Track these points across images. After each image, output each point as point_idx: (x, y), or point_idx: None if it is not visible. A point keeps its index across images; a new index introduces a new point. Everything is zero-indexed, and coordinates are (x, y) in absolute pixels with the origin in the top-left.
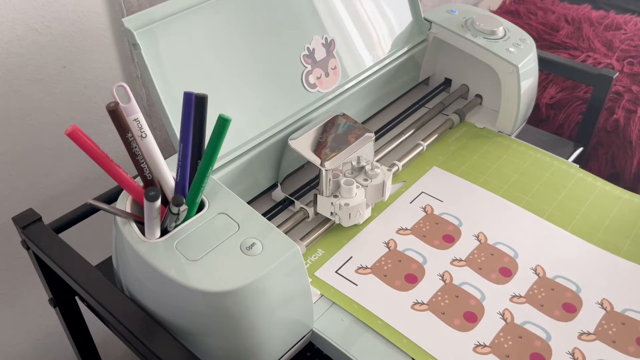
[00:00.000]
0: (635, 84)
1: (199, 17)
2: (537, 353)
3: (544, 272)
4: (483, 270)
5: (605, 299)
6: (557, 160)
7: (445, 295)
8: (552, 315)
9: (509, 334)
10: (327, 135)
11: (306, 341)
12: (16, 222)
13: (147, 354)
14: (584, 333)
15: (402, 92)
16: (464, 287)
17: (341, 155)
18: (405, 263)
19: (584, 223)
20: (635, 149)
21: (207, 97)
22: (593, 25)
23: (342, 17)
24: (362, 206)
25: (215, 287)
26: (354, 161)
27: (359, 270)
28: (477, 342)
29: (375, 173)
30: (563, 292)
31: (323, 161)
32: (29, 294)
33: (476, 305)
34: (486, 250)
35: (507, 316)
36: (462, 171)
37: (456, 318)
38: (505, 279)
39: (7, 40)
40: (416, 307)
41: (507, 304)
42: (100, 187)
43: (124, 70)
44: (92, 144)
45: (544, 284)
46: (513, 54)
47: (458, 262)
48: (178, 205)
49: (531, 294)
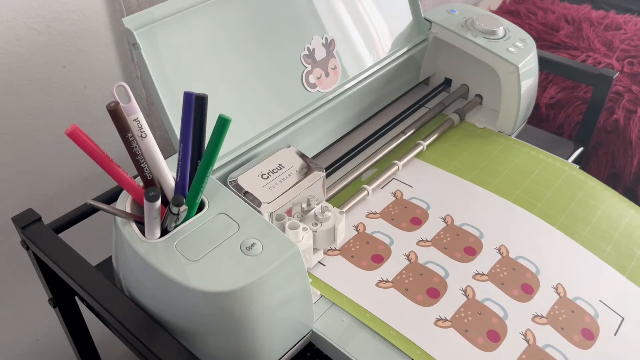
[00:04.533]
0: (635, 84)
1: (199, 17)
2: (494, 330)
3: (507, 252)
4: (448, 250)
5: (560, 284)
6: (558, 161)
7: (410, 274)
8: (511, 294)
9: (469, 309)
10: (271, 172)
11: (306, 341)
12: (16, 222)
13: (147, 354)
14: (538, 316)
15: (402, 92)
16: (428, 266)
17: (285, 195)
18: (372, 244)
19: (549, 206)
20: (635, 149)
21: (207, 97)
22: (593, 25)
23: (342, 17)
24: (309, 251)
25: (215, 287)
26: (303, 203)
27: (328, 252)
28: (438, 317)
29: (325, 217)
30: (523, 273)
31: (264, 203)
32: (29, 294)
33: (439, 282)
34: (452, 231)
35: (469, 292)
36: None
37: (419, 294)
38: (469, 257)
39: (6, 40)
40: (381, 284)
41: (469, 281)
42: (100, 187)
43: (124, 70)
44: (92, 144)
45: (506, 264)
46: (513, 54)
47: (424, 243)
48: (178, 206)
49: (493, 272)
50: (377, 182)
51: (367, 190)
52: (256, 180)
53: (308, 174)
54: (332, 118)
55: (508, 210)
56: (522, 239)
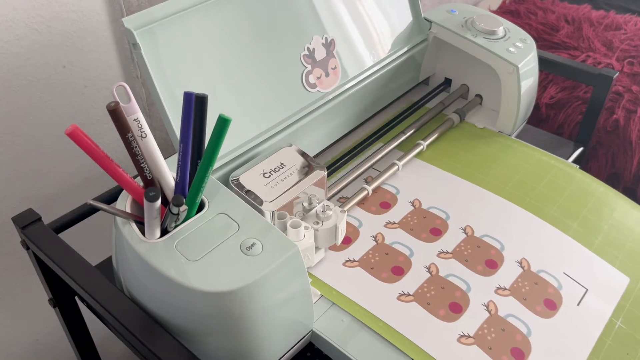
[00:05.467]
0: (635, 84)
1: (199, 17)
2: (456, 302)
3: (472, 231)
4: (414, 232)
5: (524, 258)
6: (559, 162)
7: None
8: (475, 269)
9: (432, 284)
10: (273, 171)
11: (306, 341)
12: (16, 222)
13: (147, 354)
14: (501, 288)
15: (402, 92)
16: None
17: (287, 194)
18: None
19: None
20: (635, 149)
21: (207, 97)
22: (593, 25)
23: (342, 17)
24: (310, 250)
25: (215, 287)
26: (305, 202)
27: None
28: (401, 291)
29: (327, 215)
30: (488, 250)
31: (266, 202)
32: (29, 294)
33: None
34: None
35: (432, 269)
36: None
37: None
38: (434, 237)
39: (6, 40)
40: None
41: (433, 259)
42: (100, 187)
43: (124, 70)
44: (92, 144)
45: (471, 242)
46: (513, 54)
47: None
48: (178, 206)
49: (458, 250)
50: (377, 182)
51: (367, 191)
52: (258, 179)
53: (310, 173)
54: (332, 118)
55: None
56: (487, 219)
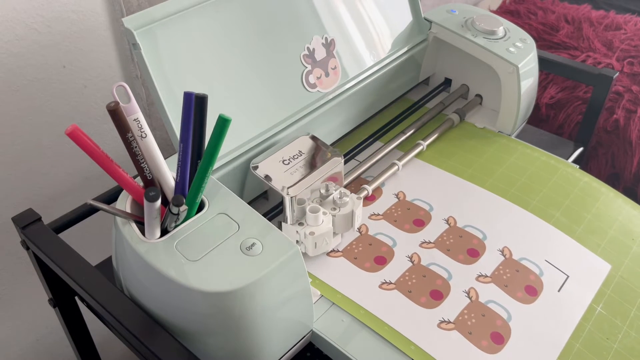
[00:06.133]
0: (635, 84)
1: (199, 17)
2: (437, 290)
3: (455, 222)
4: (397, 223)
5: (506, 247)
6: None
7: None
8: (456, 258)
9: (414, 273)
10: (292, 158)
11: (306, 341)
12: (16, 222)
13: (147, 354)
14: (482, 275)
15: (402, 92)
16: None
17: (307, 180)
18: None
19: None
20: (635, 149)
21: (207, 97)
22: (593, 25)
23: (342, 17)
24: (328, 235)
25: (215, 287)
26: (322, 189)
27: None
28: (383, 280)
29: (343, 202)
30: (470, 239)
31: (287, 187)
32: (29, 294)
33: (388, 251)
34: (455, 233)
35: (414, 259)
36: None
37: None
38: (417, 228)
39: (6, 40)
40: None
41: (416, 248)
42: (100, 187)
43: (123, 70)
44: (92, 144)
45: (453, 232)
46: (513, 54)
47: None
48: (178, 206)
49: (440, 240)
50: (377, 182)
51: (367, 190)
52: (277, 165)
53: (327, 160)
54: (332, 118)
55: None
56: (470, 210)
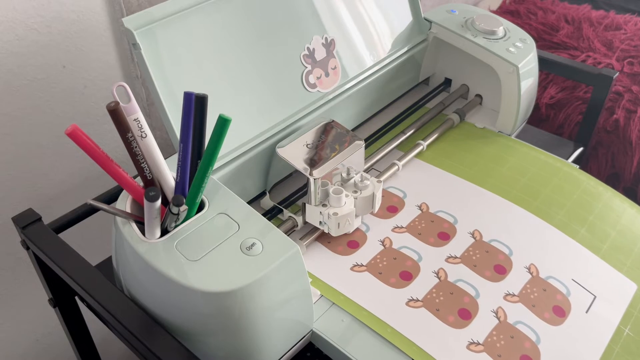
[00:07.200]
0: (635, 84)
1: (199, 17)
2: (465, 308)
3: (480, 235)
4: (422, 236)
5: (533, 264)
6: (559, 162)
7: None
8: (483, 275)
9: (441, 290)
10: (315, 142)
11: (306, 341)
12: (16, 222)
13: (147, 354)
14: (509, 294)
15: (402, 92)
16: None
17: (330, 163)
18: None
19: (524, 192)
20: (635, 149)
21: (207, 97)
22: (593, 25)
23: (342, 17)
24: (351, 215)
25: (215, 287)
26: (343, 172)
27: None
28: (410, 297)
29: (364, 185)
30: (496, 255)
31: (311, 170)
32: (29, 294)
33: (413, 265)
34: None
35: (441, 274)
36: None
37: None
38: (443, 242)
39: (7, 40)
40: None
41: (442, 264)
42: (100, 187)
43: (123, 70)
44: (92, 144)
45: (479, 247)
46: (513, 54)
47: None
48: (178, 205)
49: (466, 255)
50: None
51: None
52: (302, 149)
53: (349, 144)
54: (332, 118)
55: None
56: (495, 224)
